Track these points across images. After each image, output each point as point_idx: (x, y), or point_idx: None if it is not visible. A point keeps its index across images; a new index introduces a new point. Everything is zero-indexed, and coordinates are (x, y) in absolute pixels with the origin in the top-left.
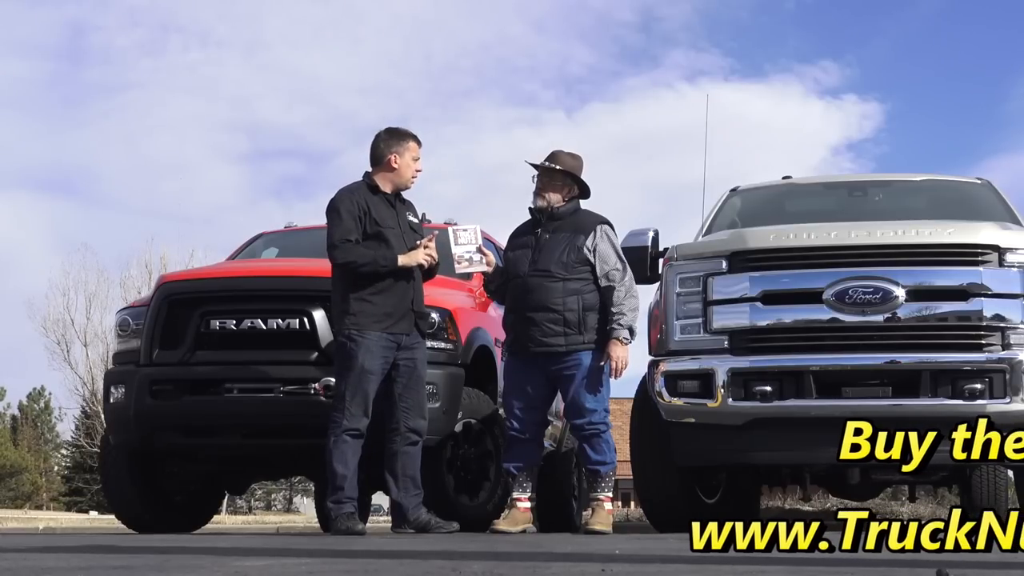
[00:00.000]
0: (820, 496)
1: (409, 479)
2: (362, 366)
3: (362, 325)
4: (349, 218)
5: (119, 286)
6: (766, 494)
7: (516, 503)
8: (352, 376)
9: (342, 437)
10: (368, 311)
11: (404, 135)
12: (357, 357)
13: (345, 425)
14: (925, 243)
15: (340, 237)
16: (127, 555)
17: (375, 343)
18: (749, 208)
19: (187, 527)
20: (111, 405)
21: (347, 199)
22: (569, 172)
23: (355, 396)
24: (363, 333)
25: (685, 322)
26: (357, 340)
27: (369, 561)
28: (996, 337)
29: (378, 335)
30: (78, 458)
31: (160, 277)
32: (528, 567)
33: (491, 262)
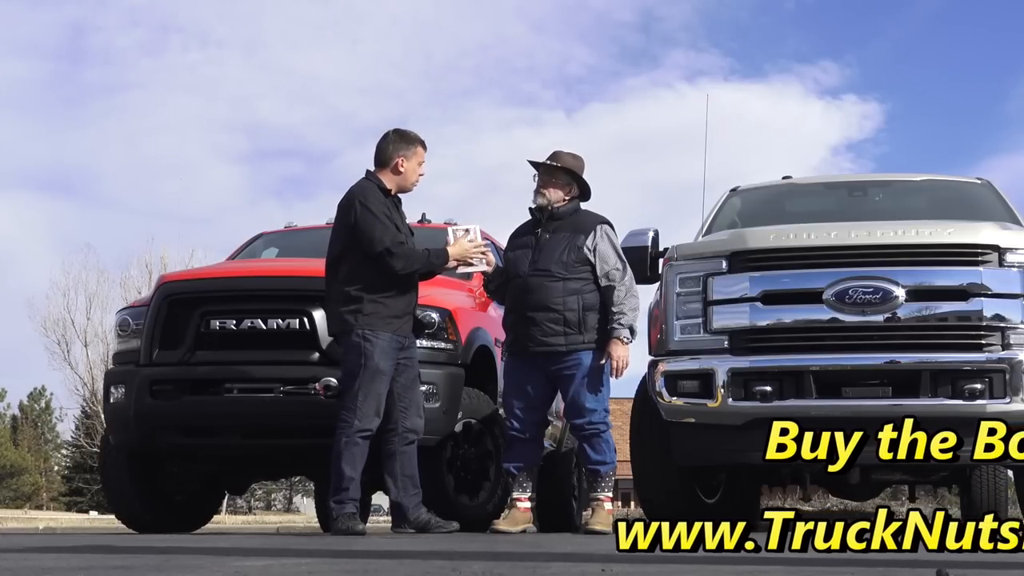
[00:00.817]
0: (820, 496)
1: (408, 479)
2: (377, 366)
3: (375, 326)
4: (389, 221)
5: (119, 286)
6: (766, 494)
7: (516, 503)
8: (366, 376)
9: (354, 439)
10: (381, 312)
11: (413, 139)
12: (373, 357)
13: (357, 426)
14: (925, 243)
15: (394, 241)
16: (127, 555)
17: (387, 344)
18: (749, 208)
19: (187, 527)
20: (111, 405)
21: (378, 200)
22: (570, 170)
23: (368, 397)
24: (376, 333)
25: (685, 322)
26: (372, 340)
27: (369, 561)
28: (996, 337)
29: (389, 336)
30: (78, 458)
31: (160, 277)
32: (528, 567)
33: (491, 262)
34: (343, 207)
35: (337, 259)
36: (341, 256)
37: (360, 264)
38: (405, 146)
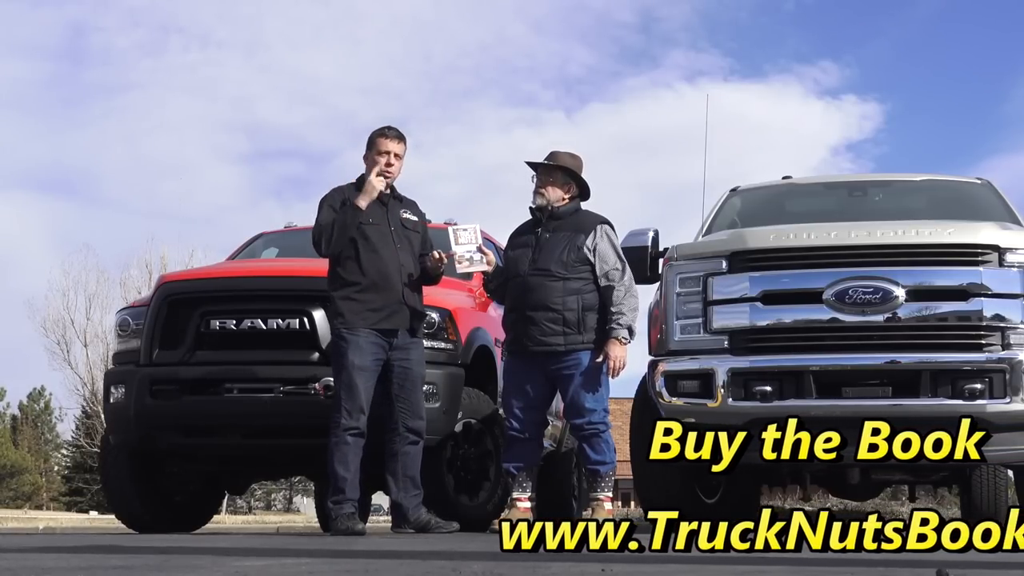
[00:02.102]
0: (820, 496)
1: (409, 479)
2: (352, 363)
3: (351, 324)
4: (329, 211)
5: (119, 286)
6: (766, 494)
7: (516, 503)
8: (344, 375)
9: (343, 438)
10: (354, 309)
11: (376, 131)
12: (347, 355)
13: (344, 424)
14: (925, 243)
15: (316, 224)
16: (127, 555)
17: (364, 340)
18: (749, 208)
19: (187, 527)
20: (111, 405)
21: (331, 194)
22: (568, 169)
23: (349, 394)
24: (352, 331)
25: (685, 322)
26: (346, 338)
27: (369, 561)
28: (996, 337)
29: (367, 332)
30: (78, 458)
31: (160, 277)
32: (528, 567)
33: (491, 261)
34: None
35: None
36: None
37: (330, 264)
38: (369, 140)
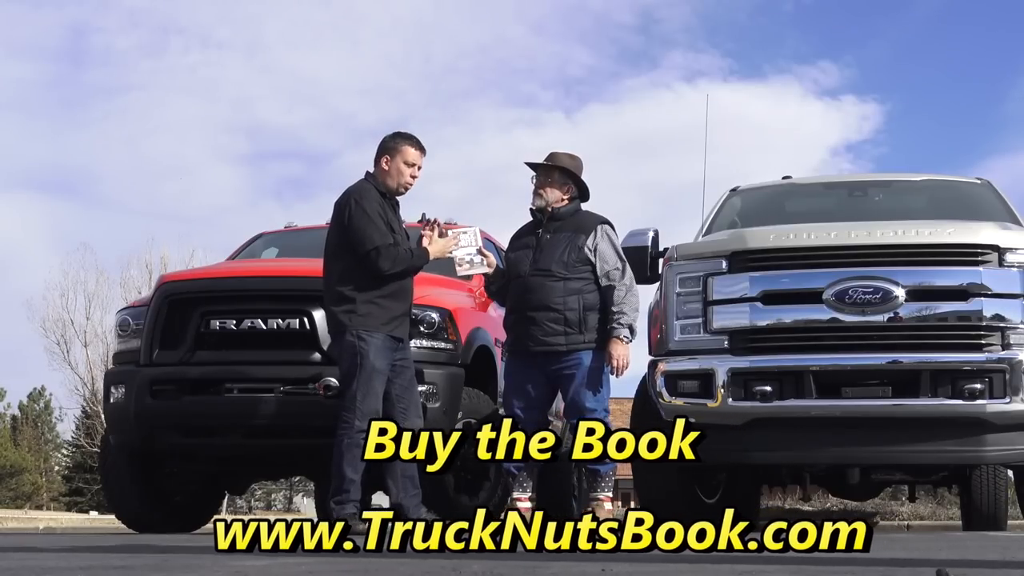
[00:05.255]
0: (820, 496)
1: (408, 479)
2: (373, 365)
3: (370, 326)
4: (381, 221)
5: (119, 286)
6: (766, 494)
7: (516, 503)
8: (363, 376)
9: (356, 440)
10: (376, 313)
11: (403, 138)
12: (369, 356)
13: (358, 427)
14: (925, 243)
15: (383, 241)
16: (127, 555)
17: (382, 343)
18: (749, 208)
19: (187, 527)
20: (111, 405)
21: (374, 200)
22: (566, 169)
23: (367, 397)
24: (371, 333)
25: (685, 322)
26: (367, 339)
27: (369, 561)
28: (996, 337)
29: (384, 336)
30: (78, 458)
31: (160, 277)
32: (528, 567)
33: (492, 263)
34: (339, 206)
35: (332, 258)
36: (335, 255)
37: (354, 264)
38: (393, 145)
